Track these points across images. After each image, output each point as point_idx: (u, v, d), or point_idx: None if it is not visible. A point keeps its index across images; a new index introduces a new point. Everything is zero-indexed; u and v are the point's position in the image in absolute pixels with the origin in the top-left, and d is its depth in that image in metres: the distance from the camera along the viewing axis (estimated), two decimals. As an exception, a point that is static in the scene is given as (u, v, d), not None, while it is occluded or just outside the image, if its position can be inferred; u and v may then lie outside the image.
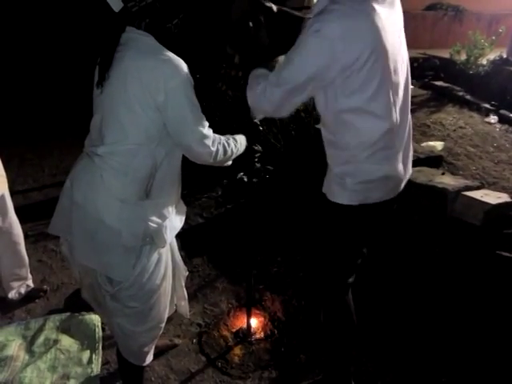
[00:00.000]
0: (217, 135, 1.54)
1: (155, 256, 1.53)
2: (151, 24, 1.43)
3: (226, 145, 1.57)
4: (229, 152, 1.59)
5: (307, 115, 3.75)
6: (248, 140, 1.77)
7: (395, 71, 1.44)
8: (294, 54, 1.41)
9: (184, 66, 1.41)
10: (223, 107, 4.28)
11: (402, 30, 1.51)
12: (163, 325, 1.69)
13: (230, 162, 1.68)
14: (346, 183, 1.51)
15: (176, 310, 1.90)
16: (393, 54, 1.41)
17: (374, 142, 1.46)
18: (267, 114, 1.61)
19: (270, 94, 1.45)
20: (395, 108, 1.46)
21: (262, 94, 1.48)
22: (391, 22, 1.42)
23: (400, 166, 1.55)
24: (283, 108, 1.51)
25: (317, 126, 3.40)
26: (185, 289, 1.86)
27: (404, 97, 1.52)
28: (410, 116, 1.59)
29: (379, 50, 1.36)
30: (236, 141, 1.65)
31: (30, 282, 2.52)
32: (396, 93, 1.47)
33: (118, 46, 1.40)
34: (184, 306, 1.88)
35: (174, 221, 1.58)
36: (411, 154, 1.65)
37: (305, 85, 1.41)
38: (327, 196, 1.60)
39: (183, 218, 1.67)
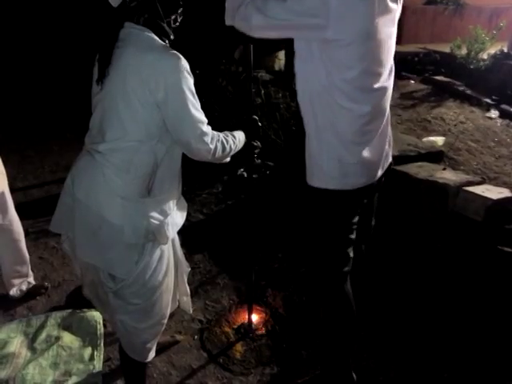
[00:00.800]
0: (215, 132, 1.53)
1: (157, 252, 1.53)
2: (150, 19, 1.43)
3: (224, 142, 1.56)
4: (227, 149, 1.58)
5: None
6: (247, 136, 1.77)
7: (380, 59, 1.45)
8: None
9: (184, 62, 1.40)
10: (223, 103, 4.27)
11: (395, 20, 1.50)
12: (166, 321, 1.69)
13: (228, 159, 1.68)
14: (323, 167, 1.53)
15: (179, 306, 1.90)
16: (382, 40, 1.42)
17: (350, 126, 1.48)
18: (238, 28, 1.53)
19: (249, 15, 1.42)
20: (374, 95, 1.48)
21: (243, 11, 1.44)
22: (387, 10, 1.42)
23: (377, 153, 1.57)
24: (254, 33, 1.48)
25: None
26: (187, 284, 1.86)
27: (387, 85, 1.53)
28: (388, 105, 1.60)
29: (368, 35, 1.36)
30: (234, 137, 1.65)
31: (31, 279, 2.52)
32: (377, 80, 1.47)
33: (117, 41, 1.40)
34: (187, 302, 1.89)
35: (176, 217, 1.58)
36: (390, 140, 1.66)
37: (284, 29, 1.42)
38: (306, 179, 1.61)
39: (184, 214, 1.67)
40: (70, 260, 1.69)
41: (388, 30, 1.45)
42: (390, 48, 1.49)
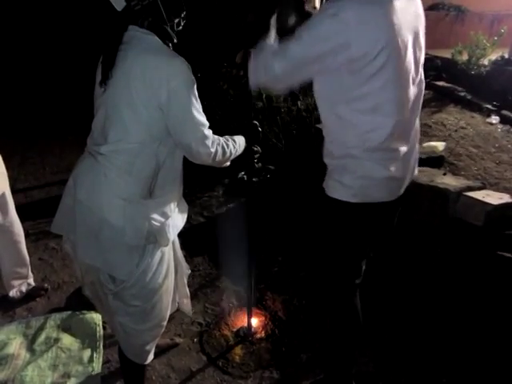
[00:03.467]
0: (216, 136, 1.54)
1: (158, 254, 1.53)
2: (154, 23, 1.44)
3: (224, 146, 1.57)
4: (227, 153, 1.59)
5: (308, 115, 3.75)
6: (247, 141, 1.78)
7: (406, 70, 1.42)
8: (304, 32, 1.39)
9: (187, 66, 1.41)
10: (224, 106, 4.28)
11: (420, 26, 1.47)
12: (165, 323, 1.69)
13: (228, 163, 1.69)
14: (344, 179, 1.50)
15: (178, 309, 1.90)
16: (405, 52, 1.39)
17: (376, 140, 1.44)
18: (264, 85, 1.59)
19: (271, 66, 1.44)
20: (402, 108, 1.44)
21: (263, 65, 1.47)
22: (407, 17, 1.40)
23: (403, 169, 1.53)
24: (280, 82, 1.51)
25: (318, 126, 3.42)
26: (187, 287, 1.86)
27: (414, 98, 1.49)
28: (418, 119, 1.57)
29: (392, 47, 1.34)
30: (235, 142, 1.65)
31: (31, 281, 2.52)
32: (405, 93, 1.44)
33: (121, 44, 1.40)
34: (186, 304, 1.89)
35: (177, 219, 1.58)
36: (416, 156, 1.63)
37: (308, 64, 1.41)
38: (326, 191, 1.59)
39: (185, 216, 1.67)
40: (70, 262, 1.69)
41: (410, 39, 1.42)
42: (414, 58, 1.46)
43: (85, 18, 6.03)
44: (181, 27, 1.54)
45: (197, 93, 1.44)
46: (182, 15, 1.51)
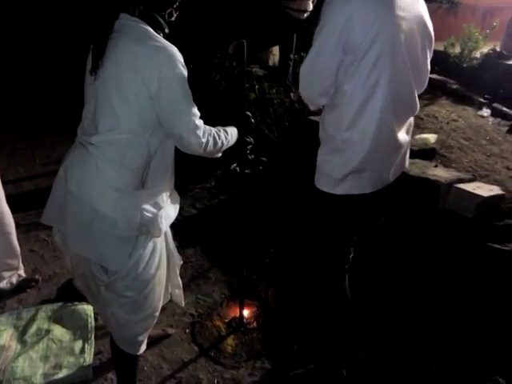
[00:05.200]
0: (208, 126, 1.53)
1: (150, 245, 1.52)
2: (145, 11, 1.42)
3: (216, 136, 1.56)
4: (219, 144, 1.58)
5: (301, 106, 3.74)
6: (240, 132, 1.77)
7: (403, 63, 1.45)
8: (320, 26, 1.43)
9: (179, 55, 1.40)
10: (217, 97, 4.26)
11: (424, 22, 1.51)
12: (158, 314, 1.69)
13: (220, 154, 1.68)
14: (333, 172, 1.54)
15: (171, 299, 1.90)
16: (407, 44, 1.43)
17: (367, 131, 1.47)
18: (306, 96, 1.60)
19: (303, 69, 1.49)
20: (390, 102, 1.46)
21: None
22: (410, 12, 1.44)
23: (390, 160, 1.57)
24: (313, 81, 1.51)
25: (311, 118, 3.41)
26: (179, 277, 1.86)
27: (407, 92, 1.53)
28: (412, 113, 1.60)
29: (389, 37, 1.38)
30: (227, 133, 1.64)
31: (22, 272, 2.50)
32: (399, 87, 1.47)
33: (111, 33, 1.38)
34: (179, 295, 1.89)
35: (169, 210, 1.57)
36: (407, 150, 1.65)
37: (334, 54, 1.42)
38: (315, 183, 1.63)
39: (177, 207, 1.66)
40: (61, 253, 1.68)
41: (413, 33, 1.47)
42: (419, 48, 1.52)
43: (73, 6, 5.94)
44: (173, 18, 1.51)
45: (187, 83, 1.43)
46: (175, 5, 1.49)
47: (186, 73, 1.42)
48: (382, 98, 1.44)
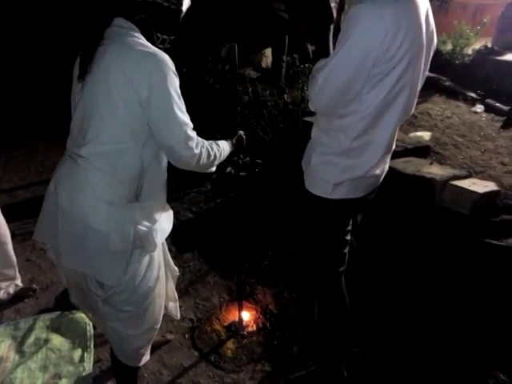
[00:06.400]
0: (200, 138, 1.47)
1: (146, 258, 1.48)
2: (145, 21, 1.39)
3: (209, 149, 1.50)
4: (212, 156, 1.52)
5: (295, 108, 3.74)
6: (233, 150, 1.74)
7: (419, 72, 1.47)
8: (343, 39, 1.35)
9: (170, 62, 1.36)
10: (210, 101, 4.25)
11: (433, 30, 1.50)
12: (159, 326, 1.65)
13: (213, 169, 1.62)
14: (331, 176, 1.53)
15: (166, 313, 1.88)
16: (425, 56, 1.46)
17: (381, 141, 1.49)
18: (318, 110, 1.52)
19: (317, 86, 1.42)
20: (404, 112, 1.48)
21: (314, 87, 1.44)
22: (429, 23, 1.45)
23: (383, 165, 1.60)
24: (332, 104, 1.44)
25: (305, 119, 3.41)
26: (175, 290, 1.84)
27: (415, 98, 1.54)
28: (408, 117, 1.63)
29: (416, 43, 1.37)
30: (219, 146, 1.59)
31: (19, 282, 2.49)
32: (413, 96, 1.50)
33: (101, 39, 1.36)
34: (174, 307, 1.87)
35: (164, 223, 1.53)
36: (393, 149, 1.67)
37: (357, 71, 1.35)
38: (307, 186, 1.63)
39: (171, 220, 1.61)
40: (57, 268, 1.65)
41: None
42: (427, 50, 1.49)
43: (67, 12, 5.92)
44: (163, 46, 1.47)
45: (179, 91, 1.38)
46: (170, 38, 1.47)
47: (177, 80, 1.38)
48: (400, 109, 1.44)
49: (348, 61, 1.34)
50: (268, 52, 5.72)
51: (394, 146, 1.64)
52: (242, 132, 1.85)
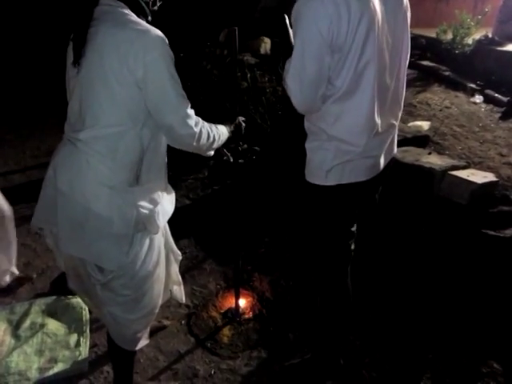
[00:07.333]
0: (199, 118, 1.46)
1: (147, 242, 1.47)
2: None
3: (209, 129, 1.49)
4: (211, 137, 1.50)
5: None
6: (232, 137, 1.73)
7: (387, 51, 1.42)
8: (294, 37, 1.38)
9: (164, 39, 1.32)
10: (208, 86, 4.21)
11: (401, 9, 1.47)
12: (157, 310, 1.64)
13: (211, 153, 1.61)
14: (323, 164, 1.52)
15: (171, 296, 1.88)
16: (388, 32, 1.41)
17: (354, 123, 1.46)
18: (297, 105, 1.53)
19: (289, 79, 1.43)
20: (377, 89, 1.44)
21: (289, 93, 1.48)
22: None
23: (379, 148, 1.55)
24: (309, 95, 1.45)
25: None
26: (179, 273, 1.83)
27: (395, 84, 1.51)
28: (401, 100, 1.59)
29: (366, 19, 1.34)
30: (218, 129, 1.57)
31: (14, 269, 2.46)
32: (385, 79, 1.45)
33: (91, 20, 1.32)
34: (178, 291, 1.86)
35: (166, 205, 1.52)
36: (395, 136, 1.64)
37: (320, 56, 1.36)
38: (306, 177, 1.61)
39: (173, 202, 1.61)
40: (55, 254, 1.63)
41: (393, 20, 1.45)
42: (400, 39, 1.48)
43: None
44: (156, 7, 1.44)
45: (175, 69, 1.36)
46: None
47: (172, 58, 1.34)
48: (371, 85, 1.42)
49: (306, 56, 1.37)
50: (267, 38, 5.66)
51: (393, 129, 1.60)
52: (241, 118, 1.83)
